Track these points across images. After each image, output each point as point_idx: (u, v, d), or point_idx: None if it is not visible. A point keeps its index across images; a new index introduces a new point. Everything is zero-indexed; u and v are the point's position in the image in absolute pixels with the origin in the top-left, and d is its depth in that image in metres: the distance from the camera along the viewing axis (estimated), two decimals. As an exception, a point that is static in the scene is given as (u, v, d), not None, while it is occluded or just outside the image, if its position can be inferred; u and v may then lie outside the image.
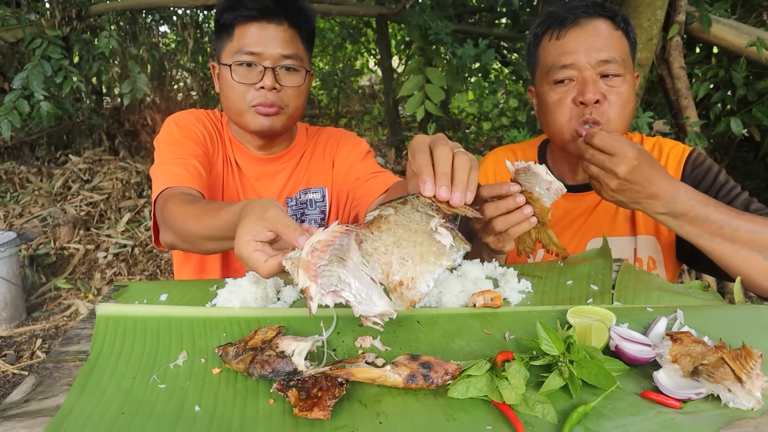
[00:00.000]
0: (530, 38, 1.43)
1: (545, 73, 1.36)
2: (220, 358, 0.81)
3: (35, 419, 0.70)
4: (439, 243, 0.84)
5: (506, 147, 1.68)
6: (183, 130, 1.44)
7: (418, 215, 0.85)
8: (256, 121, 1.40)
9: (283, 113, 1.41)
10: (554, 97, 1.34)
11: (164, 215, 1.22)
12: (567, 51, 1.31)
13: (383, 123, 7.59)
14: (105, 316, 0.92)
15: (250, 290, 0.99)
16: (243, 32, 1.37)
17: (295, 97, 1.42)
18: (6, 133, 2.97)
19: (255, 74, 1.37)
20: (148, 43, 5.97)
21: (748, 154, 3.87)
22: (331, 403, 0.68)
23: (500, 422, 0.69)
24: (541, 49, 1.39)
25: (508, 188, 1.07)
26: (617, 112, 1.30)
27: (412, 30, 3.68)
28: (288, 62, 1.38)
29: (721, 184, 1.36)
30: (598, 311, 0.94)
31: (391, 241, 0.87)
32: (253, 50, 1.35)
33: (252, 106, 1.38)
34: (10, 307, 3.43)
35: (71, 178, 5.07)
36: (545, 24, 1.37)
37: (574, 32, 1.31)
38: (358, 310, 0.80)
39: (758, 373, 0.74)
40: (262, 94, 1.37)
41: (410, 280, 0.86)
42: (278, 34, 1.37)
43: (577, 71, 1.30)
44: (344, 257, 0.83)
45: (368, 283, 0.83)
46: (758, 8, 3.06)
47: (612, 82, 1.30)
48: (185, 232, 1.13)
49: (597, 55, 1.29)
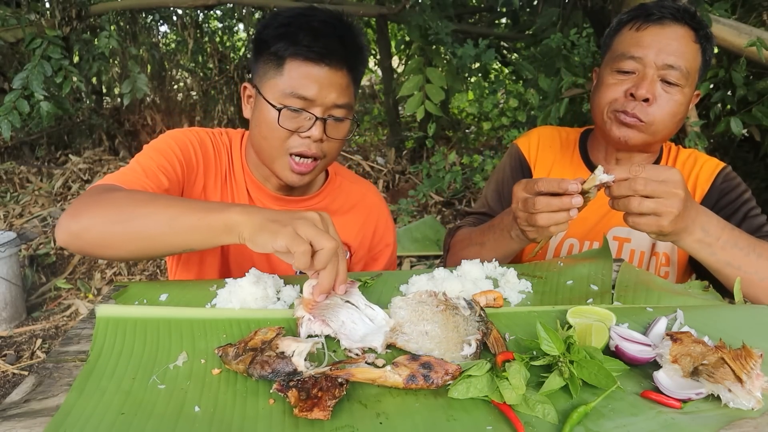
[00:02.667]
0: (614, 24, 1.44)
1: (613, 58, 1.38)
2: (220, 359, 0.81)
3: (35, 419, 0.70)
4: (460, 344, 0.85)
5: (552, 127, 1.68)
6: (174, 145, 1.30)
7: (463, 321, 0.90)
8: (286, 174, 1.27)
9: (319, 166, 1.29)
10: (611, 81, 1.36)
11: (97, 199, 1.04)
12: (641, 44, 1.32)
13: (383, 123, 7.59)
14: (105, 317, 0.92)
15: (250, 291, 0.99)
16: (296, 71, 1.20)
17: (336, 148, 1.30)
18: (6, 133, 2.97)
19: (303, 120, 1.22)
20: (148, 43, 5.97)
21: (748, 154, 3.87)
22: (331, 403, 0.68)
23: (500, 422, 0.69)
24: (618, 34, 1.40)
25: (567, 187, 1.05)
26: (662, 117, 1.31)
27: (412, 30, 3.68)
28: (339, 113, 1.24)
29: (744, 200, 1.39)
30: (598, 311, 0.94)
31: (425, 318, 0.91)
32: (306, 95, 1.19)
33: (290, 154, 1.25)
34: (10, 307, 3.43)
35: (71, 178, 5.07)
36: (632, 14, 1.38)
37: (654, 29, 1.32)
38: (343, 341, 0.87)
39: (758, 373, 0.74)
40: (306, 143, 1.23)
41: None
42: (336, 81, 1.21)
43: (642, 66, 1.32)
44: (348, 299, 0.95)
45: (363, 321, 0.91)
46: (758, 8, 3.05)
47: (669, 89, 1.31)
48: (120, 226, 0.99)
49: (666, 58, 1.29)
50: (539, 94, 3.21)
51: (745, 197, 1.40)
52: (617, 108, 1.33)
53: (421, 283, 1.05)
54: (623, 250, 1.46)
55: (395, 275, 1.16)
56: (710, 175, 1.44)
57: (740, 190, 1.42)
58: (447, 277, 1.07)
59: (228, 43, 6.90)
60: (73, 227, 1.03)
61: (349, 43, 1.23)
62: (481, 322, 0.89)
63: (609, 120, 1.36)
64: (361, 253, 1.48)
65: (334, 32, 1.21)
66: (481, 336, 0.86)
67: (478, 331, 0.86)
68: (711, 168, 1.45)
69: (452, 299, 0.94)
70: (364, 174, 5.57)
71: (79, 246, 1.05)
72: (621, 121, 1.33)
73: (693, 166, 1.47)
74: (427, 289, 0.98)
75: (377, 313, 0.93)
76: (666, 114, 1.31)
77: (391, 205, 4.31)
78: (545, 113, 2.94)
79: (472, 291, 1.03)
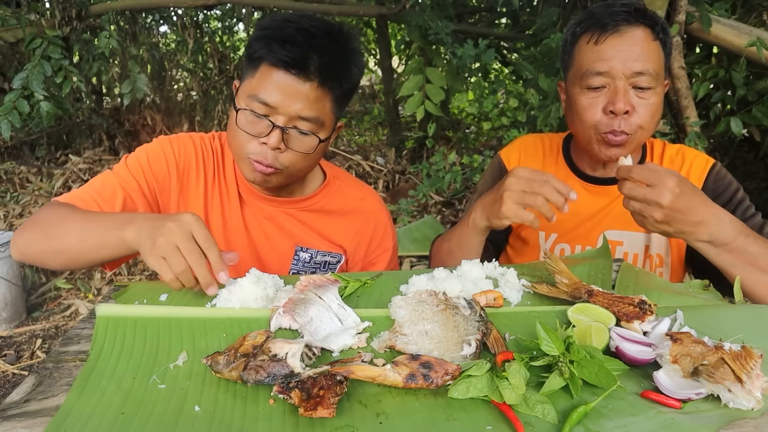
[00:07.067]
0: (567, 35, 1.42)
1: (579, 75, 1.36)
2: (209, 368, 0.79)
3: (35, 419, 0.70)
4: (460, 343, 0.85)
5: (535, 135, 1.68)
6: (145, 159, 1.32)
7: (463, 320, 0.90)
8: (249, 172, 1.24)
9: (281, 173, 1.24)
10: (585, 102, 1.34)
11: (34, 219, 1.16)
12: (603, 58, 1.31)
13: (383, 123, 7.59)
14: (105, 317, 0.92)
15: (250, 290, 0.99)
16: (265, 75, 1.17)
17: (299, 161, 1.23)
18: (6, 133, 2.97)
19: (262, 127, 1.18)
20: (148, 43, 5.97)
21: (748, 154, 3.87)
22: (334, 400, 0.68)
23: (500, 422, 0.69)
24: (577, 49, 1.38)
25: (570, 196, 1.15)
26: (645, 123, 1.31)
27: (412, 30, 3.69)
28: (304, 126, 1.19)
29: (738, 201, 1.39)
30: (599, 311, 0.94)
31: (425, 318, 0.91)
32: (268, 102, 1.16)
33: (248, 157, 1.22)
34: (10, 307, 3.43)
35: (71, 178, 5.07)
36: (585, 25, 1.36)
37: (613, 39, 1.31)
38: (305, 337, 0.88)
39: (758, 373, 0.74)
40: (264, 150, 1.19)
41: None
42: (303, 91, 1.16)
43: (611, 79, 1.31)
44: (322, 296, 0.97)
45: (332, 321, 0.92)
46: (758, 8, 3.06)
47: (643, 94, 1.31)
48: (57, 239, 1.10)
49: (632, 65, 1.28)
50: (539, 94, 3.21)
51: (738, 197, 1.39)
52: (603, 130, 1.32)
53: (421, 283, 1.05)
54: (616, 254, 1.46)
55: (395, 275, 1.16)
56: (700, 174, 1.43)
57: (732, 190, 1.41)
58: (447, 277, 1.06)
59: (228, 43, 6.91)
60: (19, 245, 1.17)
61: (330, 56, 1.17)
62: (481, 322, 0.89)
63: (597, 143, 1.35)
64: (357, 258, 1.47)
65: (312, 42, 1.15)
66: (481, 336, 0.86)
67: (478, 331, 0.86)
68: (701, 166, 1.44)
69: (452, 299, 0.94)
70: (364, 174, 5.57)
71: (27, 260, 1.19)
72: (609, 142, 1.33)
73: (682, 163, 1.46)
74: (427, 289, 0.98)
75: (348, 314, 0.94)
76: (646, 120, 1.31)
77: (391, 205, 4.30)
78: (545, 113, 2.94)
79: (472, 291, 1.03)
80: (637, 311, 0.91)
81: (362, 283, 1.10)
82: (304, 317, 0.91)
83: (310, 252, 1.42)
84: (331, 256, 1.44)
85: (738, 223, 1.14)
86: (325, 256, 1.43)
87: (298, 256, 1.41)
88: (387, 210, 1.54)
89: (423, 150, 5.67)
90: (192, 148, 1.37)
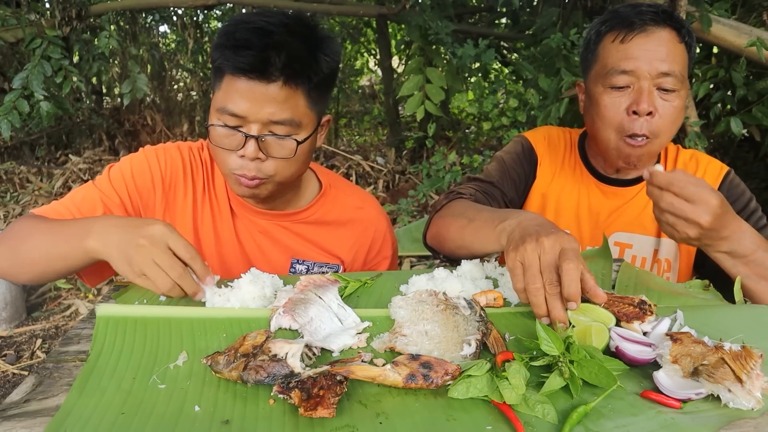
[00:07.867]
0: (591, 34, 1.41)
1: (602, 74, 1.34)
2: (209, 368, 0.79)
3: (35, 419, 0.70)
4: (460, 344, 0.85)
5: (558, 127, 1.64)
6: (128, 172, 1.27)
7: (463, 321, 0.90)
8: (237, 188, 1.20)
9: (269, 182, 1.19)
10: (607, 101, 1.32)
11: (3, 233, 1.14)
12: (629, 57, 1.29)
13: (383, 123, 7.59)
14: (105, 317, 0.92)
15: (249, 290, 0.99)
16: (229, 85, 1.11)
17: (285, 167, 1.17)
18: (6, 133, 2.97)
19: (237, 139, 1.13)
20: (148, 43, 5.98)
21: (748, 154, 3.87)
22: (334, 400, 0.68)
23: (500, 422, 0.69)
24: (601, 47, 1.36)
25: (601, 298, 1.00)
26: (667, 126, 1.30)
27: (412, 30, 3.69)
28: (279, 129, 1.13)
29: (751, 210, 1.38)
30: (599, 311, 0.94)
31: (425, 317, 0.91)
32: (236, 112, 1.10)
33: (233, 173, 1.17)
34: (10, 307, 3.43)
35: (71, 178, 5.07)
36: (610, 24, 1.34)
37: (639, 39, 1.29)
38: (305, 337, 0.87)
39: (758, 373, 0.74)
40: (244, 163, 1.14)
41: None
42: (269, 94, 1.09)
43: (636, 79, 1.29)
44: (322, 296, 0.97)
45: (332, 321, 0.92)
46: (758, 8, 3.05)
47: (667, 97, 1.29)
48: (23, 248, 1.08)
49: (659, 66, 1.27)
50: (539, 94, 3.21)
51: (751, 207, 1.38)
52: (624, 132, 1.30)
53: (421, 283, 1.05)
54: (624, 256, 1.45)
55: (395, 275, 1.16)
56: (714, 181, 1.41)
57: (746, 199, 1.39)
58: (447, 277, 1.06)
59: (228, 43, 6.89)
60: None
61: (290, 51, 1.09)
62: (481, 322, 0.89)
63: (621, 144, 1.33)
64: (355, 267, 1.44)
65: (268, 40, 1.08)
66: (481, 336, 0.86)
67: (478, 331, 0.86)
68: (715, 173, 1.43)
69: (452, 299, 0.94)
70: (364, 174, 5.57)
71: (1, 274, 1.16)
72: (633, 145, 1.31)
73: (696, 169, 1.45)
74: (427, 289, 0.98)
75: (349, 314, 0.94)
76: (669, 123, 1.30)
77: (391, 205, 4.30)
78: (545, 113, 2.94)
79: (472, 291, 1.03)
80: (637, 311, 0.91)
81: (362, 283, 1.10)
82: (304, 317, 0.91)
83: (307, 264, 1.39)
84: (329, 267, 1.41)
85: (758, 236, 1.13)
86: (323, 267, 1.40)
87: (295, 269, 1.38)
88: (386, 217, 1.51)
89: (423, 150, 5.67)
90: (180, 160, 1.32)
